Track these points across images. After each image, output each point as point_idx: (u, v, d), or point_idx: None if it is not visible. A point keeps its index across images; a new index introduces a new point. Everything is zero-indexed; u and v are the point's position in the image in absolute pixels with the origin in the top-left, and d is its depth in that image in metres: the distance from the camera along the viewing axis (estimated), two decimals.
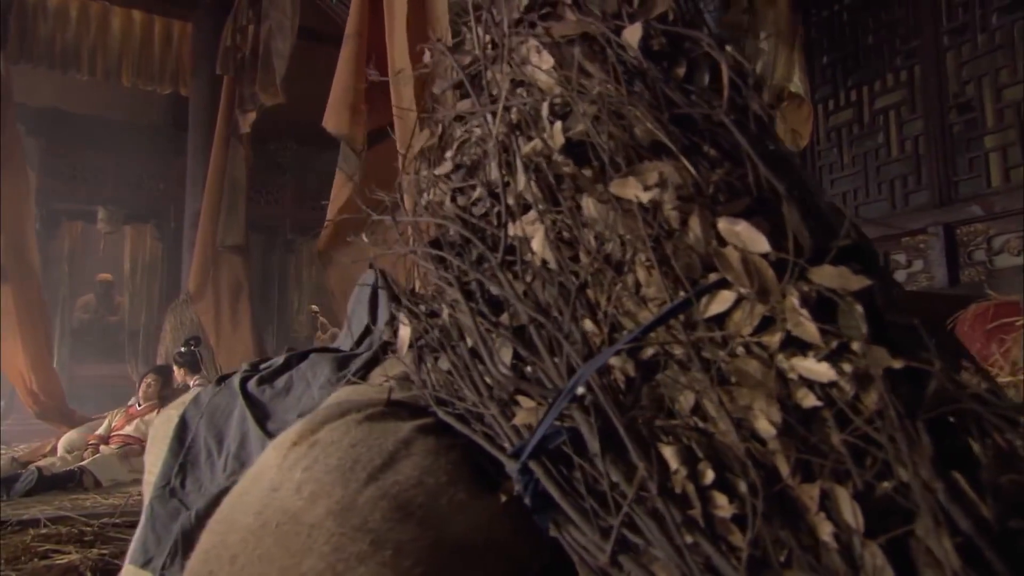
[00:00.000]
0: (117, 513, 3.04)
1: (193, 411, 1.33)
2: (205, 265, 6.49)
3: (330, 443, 0.78)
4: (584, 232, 0.69)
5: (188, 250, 6.79)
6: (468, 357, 0.79)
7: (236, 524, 0.79)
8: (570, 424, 0.66)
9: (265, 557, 0.73)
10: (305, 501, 0.74)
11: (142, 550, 1.27)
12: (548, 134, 0.72)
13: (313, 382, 1.26)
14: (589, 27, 0.74)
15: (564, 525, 0.66)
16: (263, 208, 10.26)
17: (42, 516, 2.88)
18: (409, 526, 0.70)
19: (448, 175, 0.95)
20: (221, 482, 1.24)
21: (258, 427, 1.22)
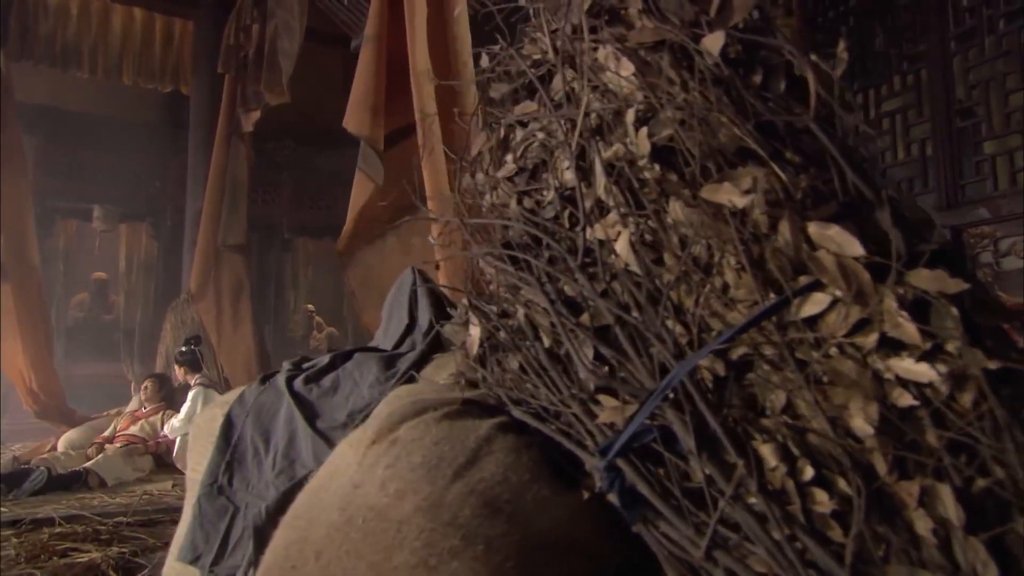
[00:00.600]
0: (130, 512, 3.04)
1: (238, 410, 1.34)
2: (206, 264, 6.47)
3: (411, 441, 0.80)
4: (668, 235, 0.70)
5: (189, 249, 6.76)
6: (545, 357, 0.81)
7: (318, 521, 0.80)
8: (659, 422, 0.68)
9: (352, 552, 0.75)
10: (391, 498, 0.75)
11: (190, 547, 1.28)
12: (631, 139, 0.74)
13: (361, 381, 1.27)
14: (668, 34, 0.76)
15: (654, 521, 0.68)
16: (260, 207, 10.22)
17: (56, 515, 2.87)
18: (498, 522, 0.72)
19: (511, 178, 0.97)
20: (270, 479, 1.26)
21: (307, 425, 1.23)
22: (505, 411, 0.87)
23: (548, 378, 0.81)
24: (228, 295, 6.50)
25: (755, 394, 0.66)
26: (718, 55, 0.72)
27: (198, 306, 6.44)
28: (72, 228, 10.46)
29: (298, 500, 0.89)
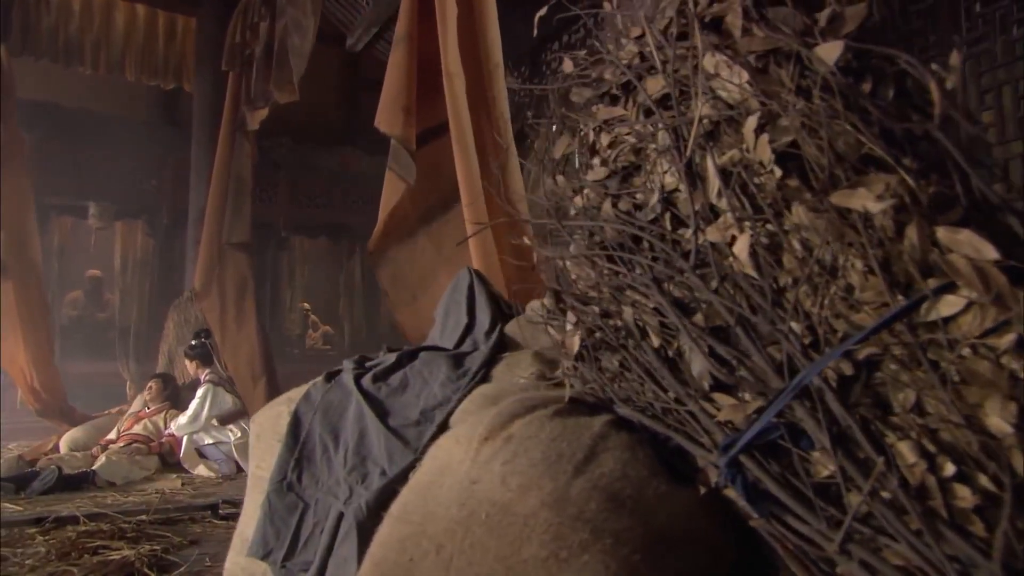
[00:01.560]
0: (151, 511, 3.03)
1: (306, 408, 1.35)
2: (211, 262, 6.44)
3: (527, 437, 0.82)
4: (788, 239, 0.73)
5: (193, 247, 6.73)
6: (653, 356, 0.83)
7: (435, 516, 0.82)
8: (784, 420, 0.70)
9: (477, 546, 0.77)
10: (514, 493, 0.77)
11: (261, 542, 1.29)
12: (747, 145, 0.76)
13: (431, 379, 1.29)
14: (780, 43, 0.78)
15: (780, 516, 0.70)
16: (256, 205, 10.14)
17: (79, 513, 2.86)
18: (622, 516, 0.74)
19: (602, 181, 0.99)
20: (342, 476, 1.27)
21: (380, 423, 1.25)
22: (609, 408, 0.89)
23: (656, 377, 0.83)
24: (232, 293, 6.47)
25: (881, 393, 0.68)
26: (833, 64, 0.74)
27: (202, 304, 6.42)
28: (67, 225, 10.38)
29: (405, 496, 0.90)
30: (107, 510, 3.03)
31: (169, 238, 9.99)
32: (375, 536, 0.92)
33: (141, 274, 9.83)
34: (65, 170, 9.18)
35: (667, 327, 0.83)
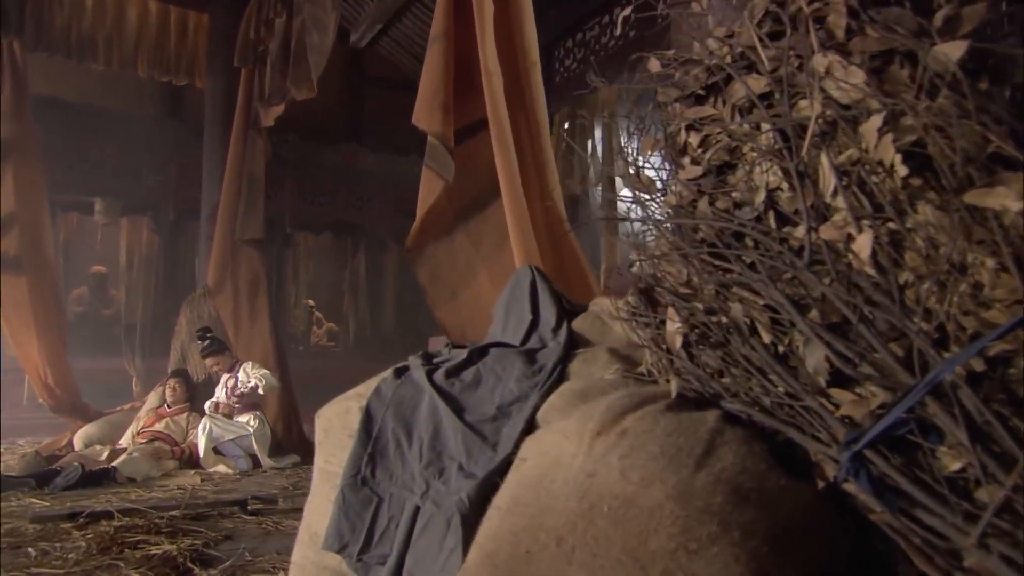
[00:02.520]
0: (181, 506, 3.04)
1: (377, 403, 1.36)
2: (224, 259, 6.44)
3: (642, 432, 0.83)
4: (912, 237, 0.74)
5: (205, 244, 6.74)
6: (764, 352, 0.84)
7: (552, 508, 0.83)
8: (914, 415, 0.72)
9: (601, 538, 0.78)
10: (637, 486, 0.78)
11: (336, 536, 1.30)
12: (865, 144, 0.78)
13: (504, 376, 1.30)
14: (895, 43, 0.79)
15: (908, 510, 0.72)
16: None
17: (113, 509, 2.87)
18: (748, 509, 0.75)
19: (696, 179, 1.00)
20: (417, 470, 1.28)
21: (456, 418, 1.26)
22: (714, 404, 0.90)
23: (766, 373, 0.84)
24: (245, 290, 6.48)
25: (1013, 389, 0.70)
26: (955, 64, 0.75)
27: (215, 300, 6.42)
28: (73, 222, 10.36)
29: (512, 489, 0.92)
30: (139, 505, 3.04)
31: (175, 234, 9.98)
32: (481, 529, 0.94)
33: (147, 270, 9.81)
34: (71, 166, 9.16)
35: (778, 323, 0.84)
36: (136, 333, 9.44)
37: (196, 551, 2.36)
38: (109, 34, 6.58)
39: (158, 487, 4.16)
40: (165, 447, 5.00)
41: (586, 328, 1.41)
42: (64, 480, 4.00)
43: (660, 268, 1.03)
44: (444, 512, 1.22)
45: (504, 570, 0.85)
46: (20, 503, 3.51)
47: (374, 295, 11.78)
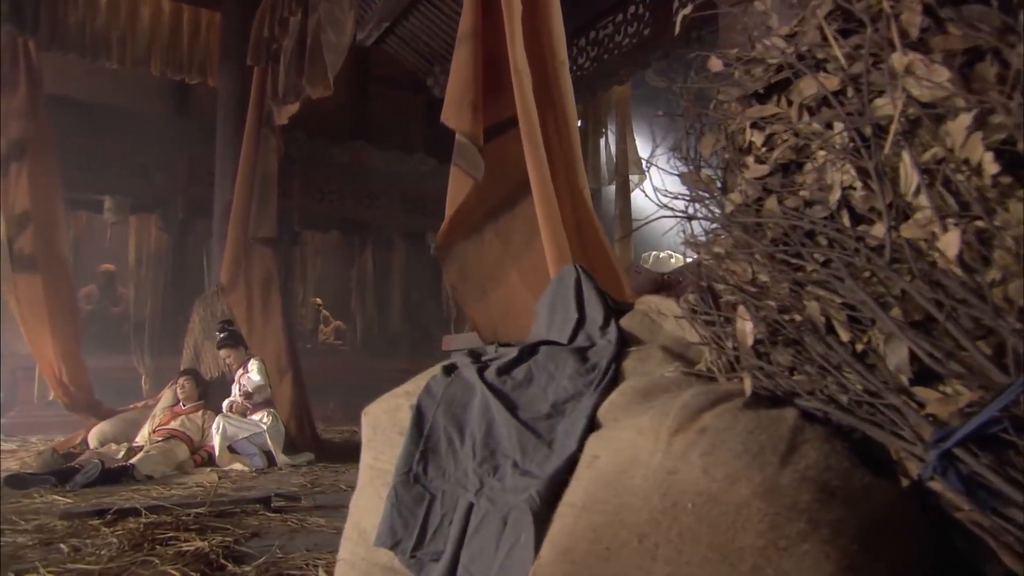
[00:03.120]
0: (207, 503, 3.06)
1: (427, 401, 1.37)
2: (237, 257, 6.46)
3: (722, 430, 0.83)
4: (1001, 235, 0.74)
5: (218, 242, 6.75)
6: (842, 351, 0.85)
7: (631, 506, 0.84)
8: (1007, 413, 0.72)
9: (686, 535, 0.78)
10: (721, 483, 0.79)
11: (388, 533, 1.31)
12: (951, 143, 0.78)
13: (557, 374, 1.30)
14: (980, 41, 0.80)
15: (1003, 509, 0.72)
16: None
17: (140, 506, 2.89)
18: (835, 506, 0.76)
19: (762, 178, 1.00)
20: (470, 467, 1.29)
21: (510, 416, 1.27)
22: (788, 401, 0.90)
23: (844, 371, 0.85)
24: (258, 288, 6.50)
25: None
26: None
27: (229, 299, 6.44)
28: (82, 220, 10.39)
29: (586, 486, 0.92)
30: (165, 502, 3.05)
31: (183, 232, 10.00)
32: (553, 526, 0.94)
33: (155, 268, 9.83)
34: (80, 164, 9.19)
35: (856, 321, 0.85)
36: (145, 331, 9.46)
37: (227, 548, 2.37)
38: (123, 32, 6.60)
39: (177, 484, 4.17)
40: (182, 445, 5.01)
41: (635, 326, 1.41)
42: (84, 477, 4.02)
43: (724, 266, 1.04)
44: (500, 509, 1.22)
45: (582, 566, 0.86)
46: (44, 500, 3.53)
47: (381, 293, 11.79)
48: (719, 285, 1.09)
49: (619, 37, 5.91)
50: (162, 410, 5.60)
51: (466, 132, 2.42)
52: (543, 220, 2.25)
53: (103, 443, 5.51)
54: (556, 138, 2.41)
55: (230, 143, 6.79)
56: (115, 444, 5.19)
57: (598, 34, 6.13)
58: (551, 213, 2.24)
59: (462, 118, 2.44)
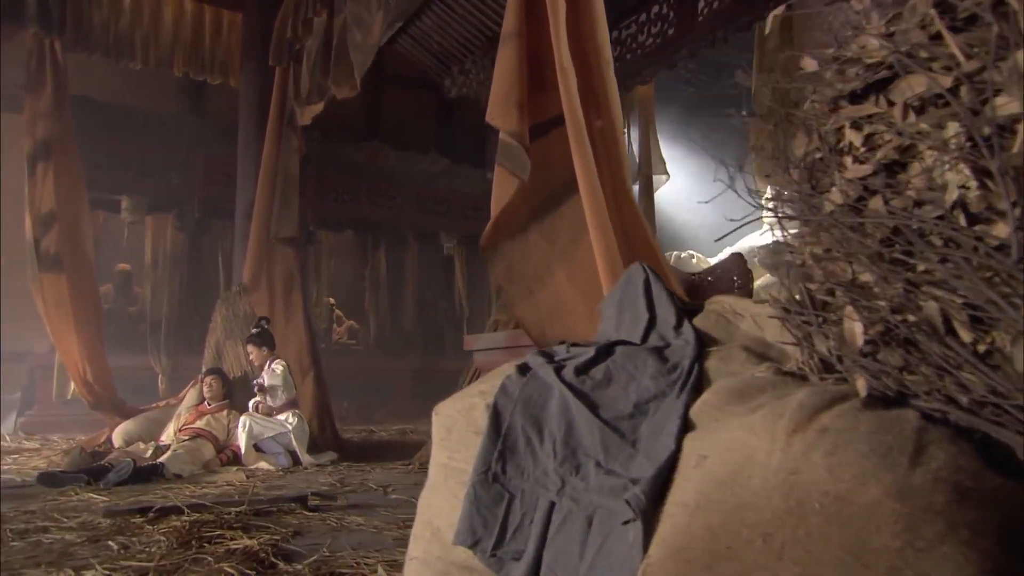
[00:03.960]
0: (246, 502, 3.07)
1: (504, 401, 1.37)
2: (259, 257, 6.49)
3: (844, 430, 0.83)
4: None
5: (241, 241, 6.78)
6: (963, 351, 0.84)
7: (752, 505, 0.84)
8: None
9: (815, 535, 0.78)
10: (849, 483, 0.79)
11: (468, 531, 1.31)
12: None
13: (637, 374, 1.30)
14: None
15: None
16: None
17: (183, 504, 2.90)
18: (970, 508, 0.76)
19: (864, 178, 1.00)
20: (551, 467, 1.29)
21: (592, 415, 1.27)
22: (902, 402, 0.90)
23: (965, 371, 0.84)
24: (280, 287, 6.53)
25: None
26: None
27: (251, 298, 6.46)
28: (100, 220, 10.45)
29: (698, 486, 0.92)
30: (205, 501, 3.07)
31: (199, 232, 10.05)
32: (663, 525, 0.94)
33: (172, 268, 9.86)
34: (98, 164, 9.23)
35: (978, 321, 0.84)
36: (161, 330, 9.50)
37: (274, 546, 2.38)
38: (146, 33, 6.64)
39: (207, 483, 4.19)
40: (208, 444, 5.04)
41: (710, 326, 1.41)
42: (116, 476, 4.05)
43: (822, 267, 1.04)
44: (584, 509, 1.23)
45: (699, 565, 0.86)
46: (80, 498, 3.55)
47: (394, 293, 11.81)
48: (811, 285, 1.09)
49: (642, 37, 5.89)
50: (187, 409, 5.62)
51: (512, 132, 2.42)
52: (591, 219, 2.25)
53: (128, 442, 5.54)
54: (601, 137, 2.41)
55: (251, 143, 6.82)
56: (142, 443, 5.21)
57: (620, 34, 6.12)
58: (599, 212, 2.24)
59: (508, 118, 2.45)
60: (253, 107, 6.87)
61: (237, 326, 6.49)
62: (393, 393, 10.89)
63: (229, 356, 6.47)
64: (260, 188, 6.48)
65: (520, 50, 2.53)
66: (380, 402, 10.49)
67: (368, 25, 4.61)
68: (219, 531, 2.54)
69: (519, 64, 2.51)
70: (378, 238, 11.92)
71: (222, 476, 4.50)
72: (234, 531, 2.57)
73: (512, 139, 2.43)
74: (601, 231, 2.22)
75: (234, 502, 3.08)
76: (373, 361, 11.08)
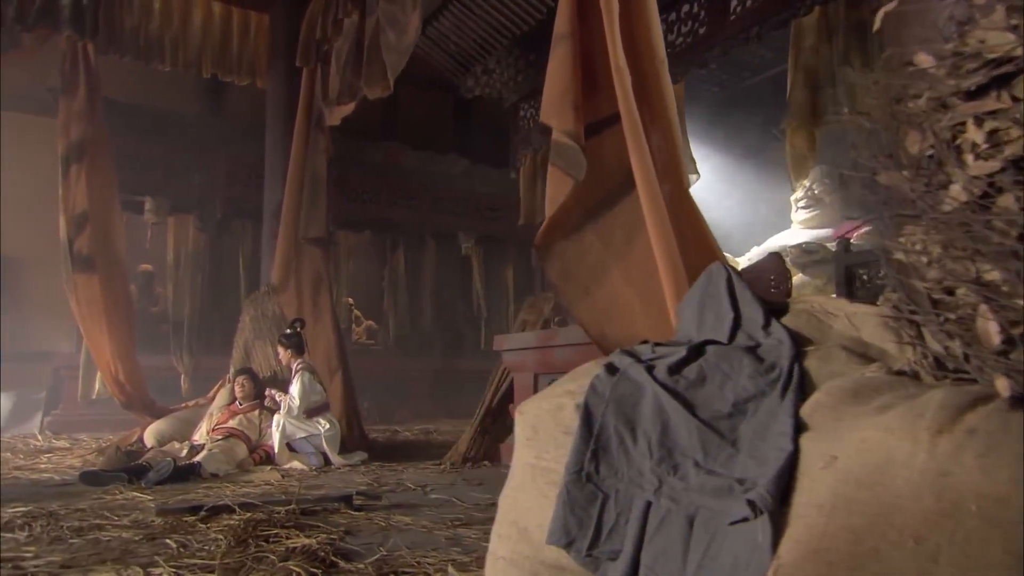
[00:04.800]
0: (294, 501, 3.08)
1: (595, 400, 1.36)
2: (288, 257, 6.52)
3: (994, 432, 0.82)
4: None
5: (269, 242, 6.81)
6: None
7: (900, 508, 0.83)
8: None
9: (974, 538, 0.77)
10: (1007, 486, 0.78)
11: (563, 532, 1.31)
12: None
13: (733, 373, 1.29)
14: None
15: None
16: None
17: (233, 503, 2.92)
18: None
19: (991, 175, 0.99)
20: (647, 467, 1.28)
21: (689, 415, 1.26)
22: None
23: None
24: (309, 288, 6.55)
25: None
26: None
27: (280, 298, 6.49)
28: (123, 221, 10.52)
29: (832, 487, 0.91)
30: (254, 500, 3.08)
31: (221, 232, 10.11)
32: (795, 527, 0.93)
33: (193, 268, 9.92)
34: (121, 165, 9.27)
35: None
36: (184, 330, 9.56)
37: (332, 543, 2.39)
38: (175, 35, 6.69)
39: (244, 482, 4.22)
40: (241, 443, 5.06)
41: (801, 326, 1.40)
42: (157, 475, 4.08)
43: (943, 264, 1.02)
44: (684, 509, 1.22)
45: (842, 568, 0.85)
46: (125, 496, 3.58)
47: (413, 293, 11.83)
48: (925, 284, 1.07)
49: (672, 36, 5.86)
50: (219, 409, 5.65)
51: (570, 132, 2.41)
52: (650, 220, 2.24)
53: (160, 441, 5.57)
54: (657, 137, 2.40)
55: (279, 144, 6.86)
56: (177, 443, 5.25)
57: None
58: (658, 212, 2.23)
59: (564, 118, 2.44)
60: (280, 108, 6.91)
61: (266, 326, 6.52)
62: (412, 393, 10.92)
63: (258, 356, 6.49)
64: (288, 188, 6.51)
65: (574, 51, 2.53)
66: (399, 402, 10.52)
67: (403, 26, 4.62)
68: (274, 530, 2.55)
69: (573, 65, 2.51)
70: (396, 238, 11.95)
71: (258, 475, 4.52)
72: (287, 530, 2.58)
73: (568, 139, 2.42)
74: (660, 231, 2.21)
75: (282, 501, 3.09)
76: (392, 361, 11.11)
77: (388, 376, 10.70)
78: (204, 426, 5.47)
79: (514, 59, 7.15)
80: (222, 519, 2.79)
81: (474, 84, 7.44)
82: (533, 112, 6.98)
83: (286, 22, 6.86)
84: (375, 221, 11.65)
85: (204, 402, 6.33)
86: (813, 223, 6.53)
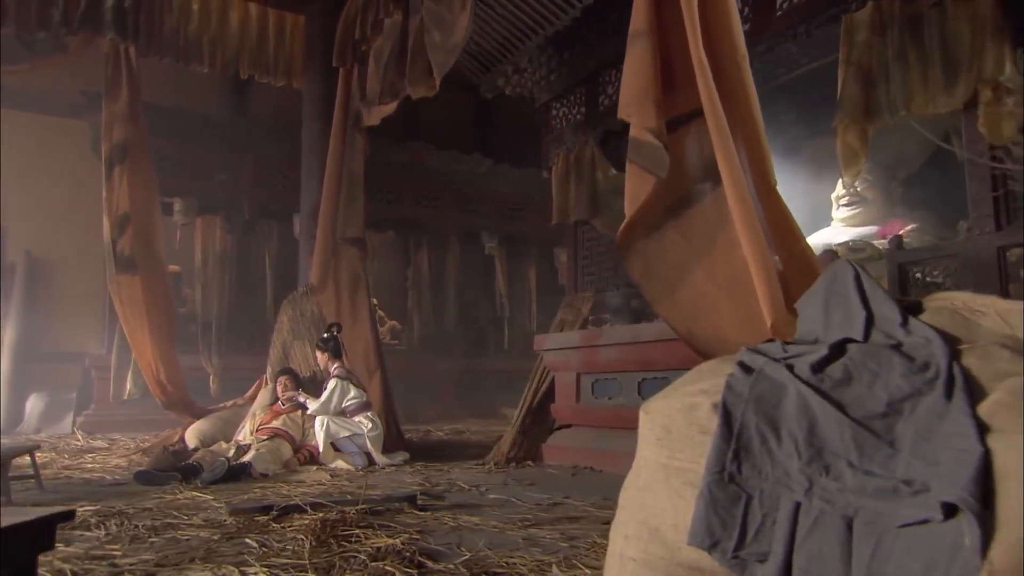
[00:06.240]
0: (360, 500, 3.08)
1: (733, 399, 1.34)
2: (326, 257, 6.52)
3: None
4: None
5: (307, 242, 6.82)
6: None
7: None
8: None
9: None
10: None
11: (706, 533, 1.28)
12: None
13: (883, 372, 1.26)
14: None
15: None
16: None
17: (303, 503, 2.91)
18: None
19: None
20: (795, 467, 1.26)
21: (841, 414, 1.23)
22: None
23: None
24: (346, 288, 6.55)
25: None
26: None
27: (319, 298, 6.50)
28: None
29: None
30: (322, 500, 3.08)
31: (247, 233, 10.16)
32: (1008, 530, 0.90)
33: (221, 269, 9.96)
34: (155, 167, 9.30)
35: None
36: (212, 331, 9.61)
37: (415, 543, 2.38)
38: (213, 37, 6.72)
39: (296, 482, 4.22)
40: (285, 443, 5.07)
41: (944, 323, 1.37)
42: (211, 475, 4.10)
43: None
44: (839, 510, 1.19)
45: None
46: (185, 496, 3.59)
47: (437, 293, 11.83)
48: None
49: None
50: (261, 408, 5.67)
51: (652, 129, 2.39)
52: (738, 216, 2.21)
53: (203, 441, 5.60)
54: (741, 133, 2.37)
55: (316, 144, 6.86)
56: (224, 443, 5.27)
57: None
58: (746, 208, 2.20)
59: (646, 114, 2.41)
60: (316, 108, 6.92)
61: (304, 326, 6.54)
62: (438, 393, 10.92)
63: (297, 356, 6.51)
64: (326, 188, 6.52)
65: (652, 47, 2.50)
66: (425, 402, 10.52)
67: (449, 25, 4.61)
68: (351, 530, 2.54)
69: (653, 61, 2.48)
70: (420, 238, 11.95)
71: (308, 475, 4.53)
72: (363, 530, 2.57)
73: (650, 136, 2.40)
74: (750, 229, 2.18)
75: (350, 501, 3.09)
76: (417, 361, 11.11)
77: (413, 376, 10.71)
78: (248, 426, 5.49)
79: (546, 58, 7.11)
80: (293, 519, 2.79)
81: (504, 83, 7.40)
82: (565, 111, 6.94)
83: (322, 22, 6.87)
84: (399, 221, 11.67)
85: (242, 402, 6.36)
86: (855, 221, 6.45)
